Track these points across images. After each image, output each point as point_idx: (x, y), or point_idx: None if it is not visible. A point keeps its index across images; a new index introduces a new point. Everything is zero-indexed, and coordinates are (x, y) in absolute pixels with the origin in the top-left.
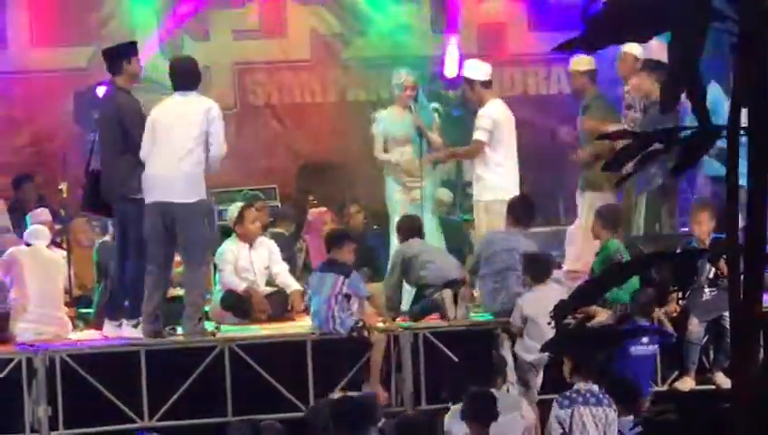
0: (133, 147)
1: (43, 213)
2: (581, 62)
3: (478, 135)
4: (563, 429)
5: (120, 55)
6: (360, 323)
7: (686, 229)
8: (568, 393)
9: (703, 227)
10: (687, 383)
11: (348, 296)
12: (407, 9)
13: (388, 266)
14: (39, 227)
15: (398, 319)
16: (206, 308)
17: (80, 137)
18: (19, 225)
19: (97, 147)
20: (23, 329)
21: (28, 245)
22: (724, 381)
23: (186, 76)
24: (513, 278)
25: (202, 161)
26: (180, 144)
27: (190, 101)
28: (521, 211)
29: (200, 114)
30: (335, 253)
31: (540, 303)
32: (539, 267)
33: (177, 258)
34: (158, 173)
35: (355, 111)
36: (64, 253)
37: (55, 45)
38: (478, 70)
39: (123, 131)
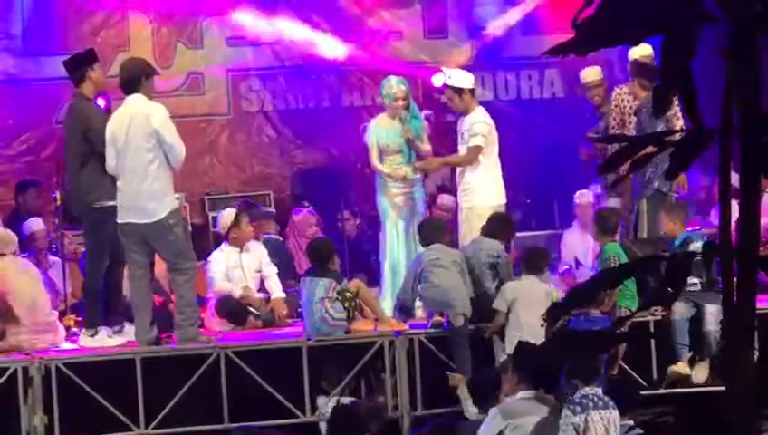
0: (98, 156)
1: (36, 223)
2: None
3: (477, 141)
4: None
5: (83, 64)
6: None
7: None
8: (578, 399)
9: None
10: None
11: (339, 299)
12: (399, 14)
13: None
14: (5, 236)
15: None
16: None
17: None
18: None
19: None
20: (19, 341)
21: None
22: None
23: (127, 80)
24: (484, 279)
25: (164, 168)
26: (138, 162)
27: (136, 108)
28: (500, 225)
29: (145, 125)
30: (330, 263)
31: (524, 290)
32: (534, 258)
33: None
34: (126, 195)
35: (349, 117)
36: (59, 260)
37: (48, 54)
38: (465, 78)
39: (87, 141)
